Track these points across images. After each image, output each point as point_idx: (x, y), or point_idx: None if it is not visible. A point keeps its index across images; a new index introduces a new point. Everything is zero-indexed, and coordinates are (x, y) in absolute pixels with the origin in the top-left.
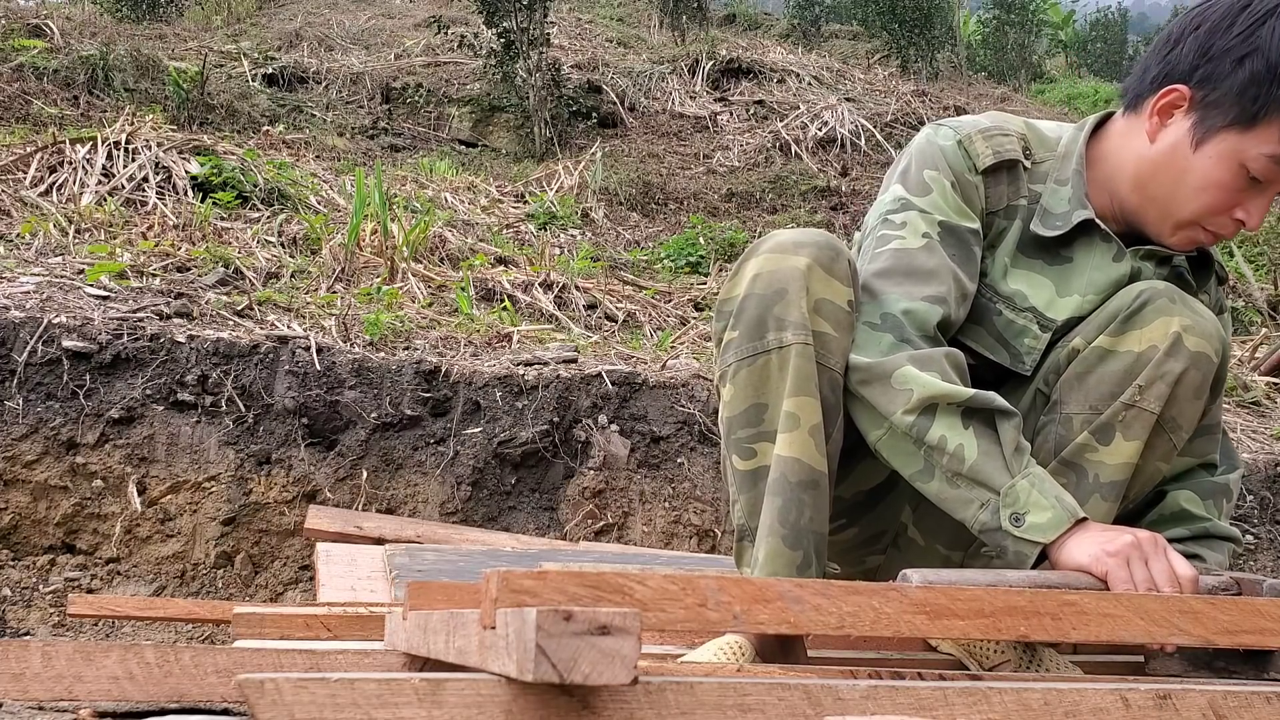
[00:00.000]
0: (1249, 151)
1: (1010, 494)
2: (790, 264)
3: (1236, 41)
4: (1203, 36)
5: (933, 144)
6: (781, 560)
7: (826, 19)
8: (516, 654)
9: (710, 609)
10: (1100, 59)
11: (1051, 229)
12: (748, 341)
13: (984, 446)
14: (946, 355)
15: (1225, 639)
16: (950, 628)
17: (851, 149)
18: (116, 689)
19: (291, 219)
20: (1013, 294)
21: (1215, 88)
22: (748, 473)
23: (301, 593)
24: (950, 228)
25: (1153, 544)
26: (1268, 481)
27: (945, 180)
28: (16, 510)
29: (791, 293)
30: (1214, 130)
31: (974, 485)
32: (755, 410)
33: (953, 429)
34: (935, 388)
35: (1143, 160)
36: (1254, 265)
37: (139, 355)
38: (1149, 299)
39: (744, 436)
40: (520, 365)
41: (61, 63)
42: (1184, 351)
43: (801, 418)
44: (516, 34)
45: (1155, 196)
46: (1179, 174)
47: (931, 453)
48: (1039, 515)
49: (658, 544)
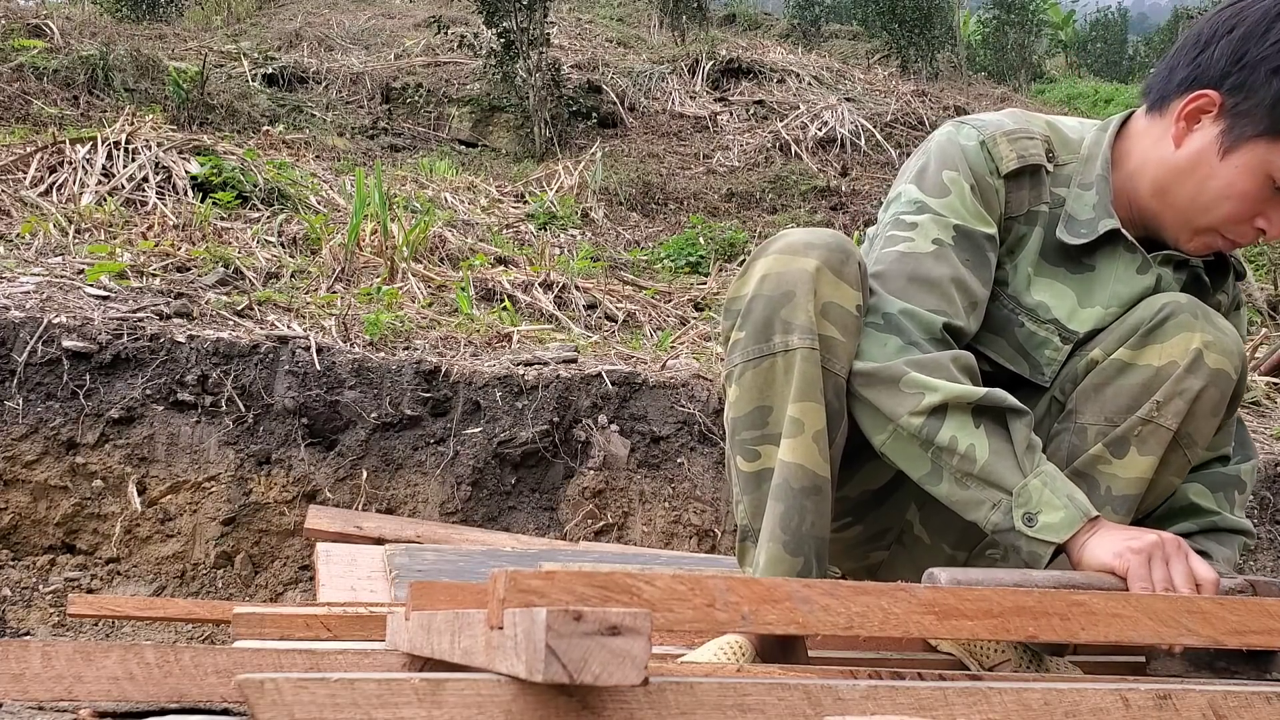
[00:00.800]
0: (1277, 162)
1: (1023, 494)
2: (799, 265)
3: (1272, 51)
4: (1236, 42)
5: (954, 143)
6: (782, 566)
7: (826, 19)
8: (526, 654)
9: (718, 609)
10: (1100, 59)
11: (1077, 236)
12: (754, 343)
13: (995, 446)
14: (954, 359)
15: (1233, 639)
16: (959, 628)
17: (851, 149)
18: (116, 689)
19: (291, 219)
20: (1036, 306)
21: (1248, 97)
22: (751, 474)
23: (301, 593)
24: (966, 232)
25: (1175, 545)
26: (1268, 481)
27: (965, 183)
28: (16, 510)
29: (799, 295)
30: (1244, 139)
31: (985, 486)
32: (760, 413)
33: (963, 429)
34: (946, 390)
35: (1165, 165)
36: (1254, 265)
37: (139, 355)
38: (1171, 313)
39: (748, 438)
40: (520, 365)
41: (61, 63)
42: (1204, 369)
43: (806, 423)
44: (516, 34)
45: (1176, 202)
46: (1203, 181)
47: (940, 454)
48: (1051, 515)
49: (658, 544)
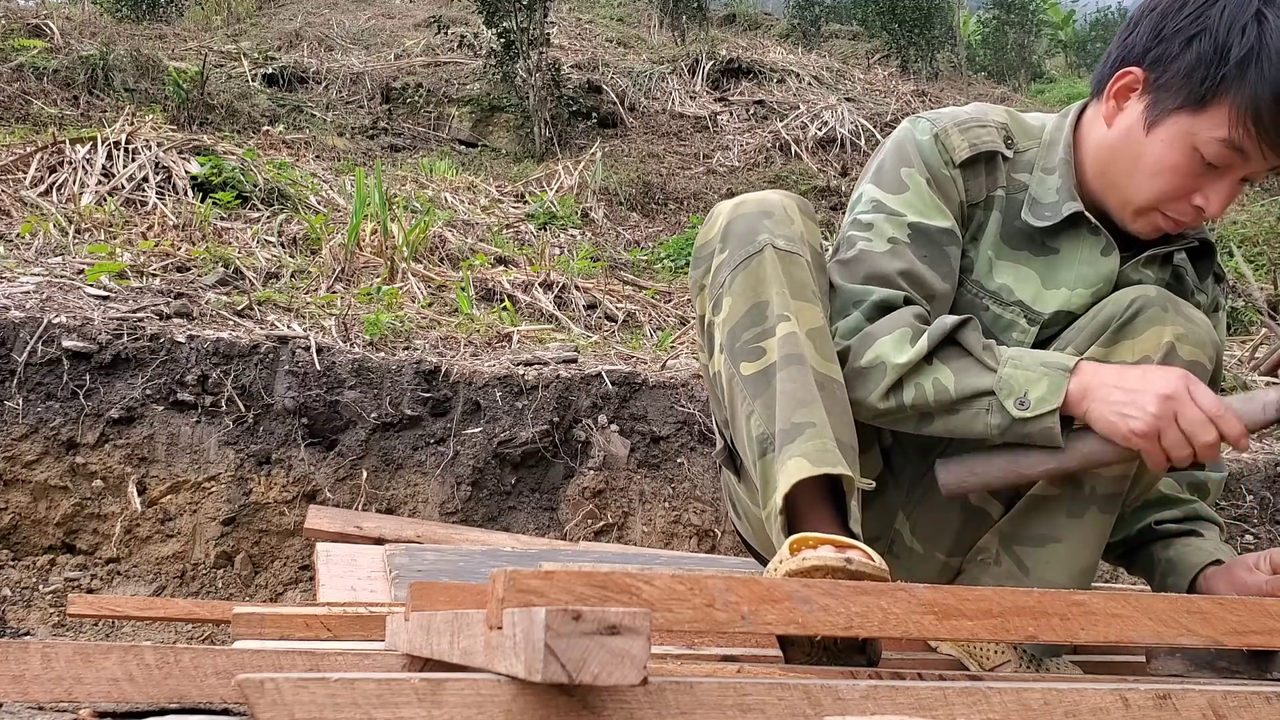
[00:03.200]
0: (1200, 134)
1: (1002, 385)
2: (773, 196)
3: (1186, 22)
4: (1156, 18)
5: (910, 138)
6: (840, 425)
7: (826, 19)
8: (525, 654)
9: (718, 609)
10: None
11: (1041, 219)
12: (739, 250)
13: (957, 365)
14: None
15: (1233, 639)
16: (958, 628)
17: (851, 149)
18: (116, 690)
19: (291, 219)
20: (999, 288)
21: (1166, 69)
22: (758, 374)
23: (301, 593)
24: (922, 229)
25: (1182, 385)
26: (1268, 481)
27: (921, 177)
28: (16, 510)
29: (779, 215)
30: (1165, 113)
31: (969, 401)
32: (757, 310)
33: (924, 377)
34: (898, 364)
35: (1101, 145)
36: (1254, 265)
37: (139, 355)
38: (1141, 307)
39: (749, 339)
40: (520, 365)
41: (61, 63)
42: (1178, 362)
43: (802, 316)
44: (516, 34)
45: (1115, 182)
46: (1134, 158)
47: (917, 407)
48: (1037, 389)
49: (658, 544)
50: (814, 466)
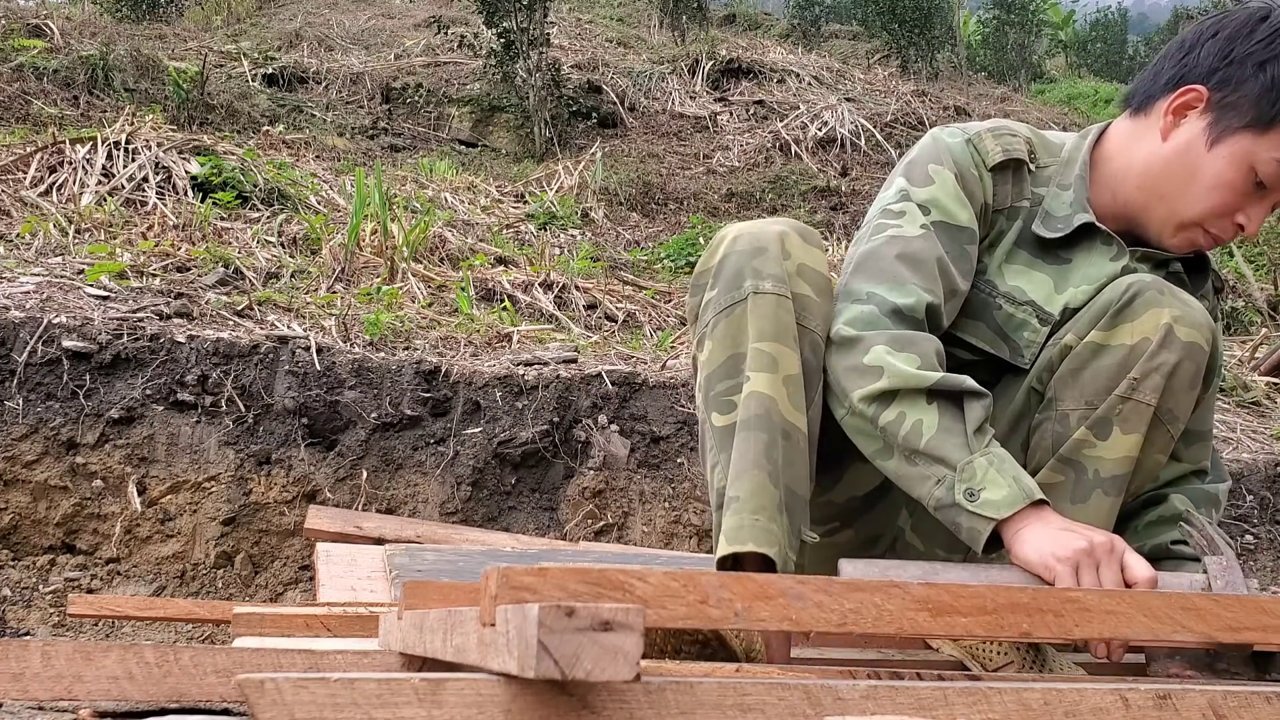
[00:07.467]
0: (1260, 154)
1: (967, 470)
2: (769, 229)
3: (1258, 48)
4: (1222, 42)
5: (940, 141)
6: (764, 495)
7: (826, 19)
8: (518, 650)
9: (712, 606)
10: (1100, 59)
11: (1053, 231)
12: (725, 294)
13: (945, 424)
14: (928, 340)
15: (1228, 636)
16: (953, 625)
17: (851, 149)
18: (116, 689)
19: (291, 219)
20: (1011, 289)
21: (1234, 90)
22: (725, 429)
23: (301, 593)
24: (945, 226)
25: (1107, 550)
26: (1267, 481)
27: (949, 173)
28: (16, 510)
29: (771, 251)
30: (1229, 131)
31: (931, 462)
32: (733, 361)
33: (913, 407)
34: (900, 375)
35: (1154, 157)
36: (1254, 265)
37: (139, 355)
38: (1137, 291)
39: (722, 390)
40: (520, 365)
41: (61, 63)
42: (1176, 342)
43: (779, 362)
44: (516, 34)
45: (1165, 194)
46: (1190, 171)
47: (887, 431)
48: (994, 492)
49: (658, 544)
50: (728, 545)
